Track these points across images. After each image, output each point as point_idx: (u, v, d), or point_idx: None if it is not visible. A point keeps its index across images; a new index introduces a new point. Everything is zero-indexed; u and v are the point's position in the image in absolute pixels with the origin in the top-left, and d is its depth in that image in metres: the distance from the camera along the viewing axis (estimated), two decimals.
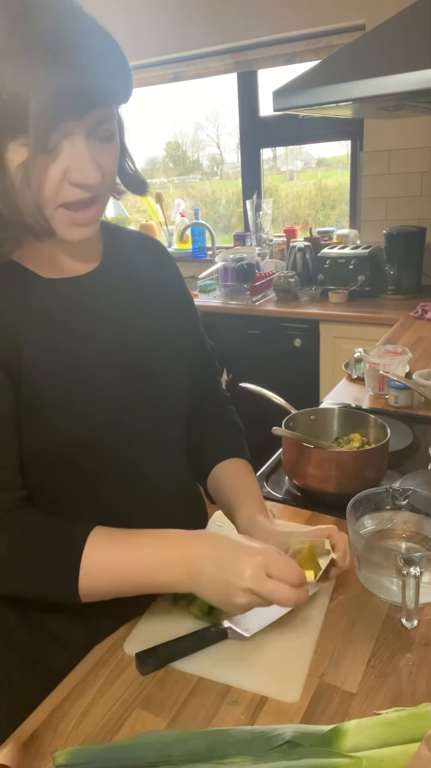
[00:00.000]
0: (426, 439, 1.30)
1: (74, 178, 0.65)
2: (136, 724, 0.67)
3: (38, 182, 0.64)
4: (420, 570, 0.73)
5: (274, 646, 0.76)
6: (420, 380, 1.44)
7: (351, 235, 3.04)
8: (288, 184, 3.61)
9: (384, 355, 1.56)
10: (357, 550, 0.85)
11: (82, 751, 0.61)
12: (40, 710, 0.70)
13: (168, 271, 0.93)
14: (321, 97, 1.40)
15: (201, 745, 0.61)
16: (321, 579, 0.75)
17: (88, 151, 0.64)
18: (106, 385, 0.76)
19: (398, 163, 2.82)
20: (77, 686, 0.73)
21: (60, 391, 0.72)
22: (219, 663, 0.74)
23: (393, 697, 0.68)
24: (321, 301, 2.78)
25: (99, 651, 0.78)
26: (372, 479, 1.06)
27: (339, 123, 2.91)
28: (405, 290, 2.72)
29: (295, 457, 1.08)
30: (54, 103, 0.59)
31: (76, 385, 0.73)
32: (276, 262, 3.17)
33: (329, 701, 0.69)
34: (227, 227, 3.71)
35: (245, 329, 2.79)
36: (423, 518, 0.91)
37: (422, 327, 2.25)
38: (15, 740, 0.66)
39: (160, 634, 0.78)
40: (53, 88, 0.58)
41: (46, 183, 0.64)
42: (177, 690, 0.71)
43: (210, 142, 3.79)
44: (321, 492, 1.06)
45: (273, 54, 2.99)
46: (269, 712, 0.68)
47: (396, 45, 1.35)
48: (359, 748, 0.59)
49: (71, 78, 0.59)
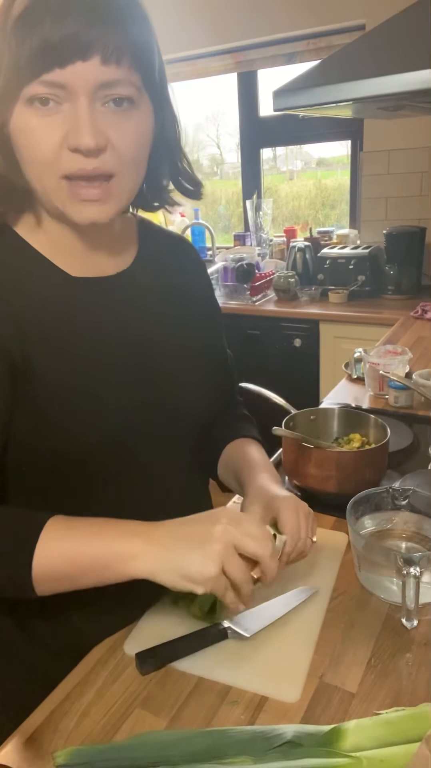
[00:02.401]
0: (426, 439, 1.30)
1: (69, 141, 0.61)
2: (136, 724, 0.67)
3: (32, 143, 0.61)
4: (420, 570, 0.73)
5: (274, 646, 0.76)
6: (420, 380, 1.44)
7: (351, 235, 3.04)
8: (288, 184, 3.61)
9: (384, 355, 1.56)
10: (357, 550, 0.85)
11: (82, 751, 0.61)
12: (40, 710, 0.70)
13: (197, 277, 0.91)
14: (321, 97, 1.40)
15: (201, 745, 0.61)
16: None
17: (89, 114, 0.60)
18: (116, 392, 0.73)
19: (398, 163, 2.83)
20: (77, 686, 0.73)
21: (68, 395, 0.70)
22: (220, 663, 0.74)
23: (393, 697, 0.68)
24: (321, 301, 2.78)
25: (99, 651, 0.78)
26: (372, 479, 1.06)
27: (339, 123, 2.91)
28: (405, 290, 2.72)
29: (295, 457, 1.08)
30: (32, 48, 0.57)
31: (85, 390, 0.71)
32: (276, 262, 3.17)
33: (329, 701, 0.69)
34: (227, 227, 3.71)
35: (245, 329, 2.79)
36: (423, 518, 0.91)
37: (422, 327, 2.25)
38: (18, 737, 0.66)
39: (160, 634, 0.77)
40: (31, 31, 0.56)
41: (41, 145, 0.61)
42: (177, 690, 0.71)
43: (210, 142, 3.79)
44: (321, 492, 1.06)
45: (273, 54, 2.99)
46: (269, 712, 0.68)
47: (396, 45, 1.35)
48: (359, 748, 0.59)
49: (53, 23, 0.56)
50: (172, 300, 0.82)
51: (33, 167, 0.63)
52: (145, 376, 0.76)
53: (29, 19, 0.57)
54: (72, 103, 0.60)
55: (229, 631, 0.77)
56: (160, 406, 0.78)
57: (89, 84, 0.60)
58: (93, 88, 0.60)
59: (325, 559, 0.92)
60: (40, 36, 0.57)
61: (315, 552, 0.94)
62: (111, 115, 0.62)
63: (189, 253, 0.91)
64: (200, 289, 0.91)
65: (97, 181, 0.64)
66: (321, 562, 0.91)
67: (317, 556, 0.93)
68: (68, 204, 0.65)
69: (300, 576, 0.88)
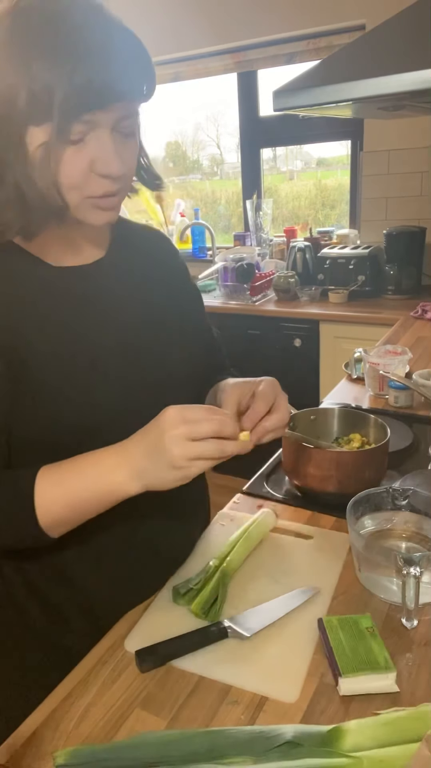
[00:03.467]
0: (426, 439, 1.30)
1: (100, 169, 0.68)
2: (136, 724, 0.67)
3: (65, 171, 0.67)
4: (420, 570, 0.74)
5: (274, 646, 0.76)
6: (420, 380, 1.44)
7: (351, 235, 3.04)
8: (288, 184, 3.61)
9: (384, 355, 1.56)
10: (357, 550, 0.85)
11: (82, 751, 0.61)
12: (40, 710, 0.70)
13: (171, 263, 0.95)
14: (321, 97, 1.40)
15: (201, 745, 0.61)
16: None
17: (114, 145, 0.68)
18: (107, 373, 0.77)
19: (398, 163, 2.83)
20: (77, 686, 0.73)
21: (62, 378, 0.73)
22: (220, 662, 0.74)
23: (393, 697, 0.68)
24: (321, 301, 2.78)
25: (99, 650, 0.78)
26: (372, 479, 1.06)
27: (339, 123, 2.91)
28: (405, 290, 2.72)
29: (295, 457, 1.08)
30: (79, 94, 0.63)
31: (77, 372, 0.75)
32: (276, 262, 3.17)
33: (329, 701, 0.69)
34: (227, 227, 3.71)
35: (245, 329, 2.79)
36: (423, 518, 0.91)
37: (422, 327, 2.25)
38: (18, 736, 0.66)
39: (160, 632, 0.78)
40: (80, 79, 0.62)
41: (73, 173, 0.67)
42: (177, 690, 0.71)
43: (210, 142, 3.79)
44: (321, 492, 1.06)
45: (273, 54, 2.99)
46: (269, 712, 0.68)
47: (396, 45, 1.35)
48: (359, 748, 0.59)
49: (97, 71, 0.63)
50: (149, 284, 0.87)
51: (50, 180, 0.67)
52: (133, 356, 0.81)
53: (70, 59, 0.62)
54: (96, 134, 0.67)
55: (229, 631, 0.77)
56: (150, 383, 0.81)
57: (114, 119, 0.68)
58: (115, 122, 0.68)
59: (326, 560, 0.92)
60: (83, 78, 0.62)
61: (316, 552, 0.94)
62: (122, 141, 0.70)
63: (160, 241, 0.95)
64: (176, 273, 0.95)
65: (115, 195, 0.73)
66: (322, 563, 0.92)
67: (318, 557, 0.93)
68: (88, 214, 0.72)
69: (302, 576, 0.88)
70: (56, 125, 0.63)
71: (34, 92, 0.62)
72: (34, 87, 0.62)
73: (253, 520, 0.98)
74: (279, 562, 0.93)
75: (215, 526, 1.03)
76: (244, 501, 1.12)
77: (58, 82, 0.62)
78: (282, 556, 0.94)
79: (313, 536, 0.98)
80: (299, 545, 0.97)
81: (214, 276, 3.03)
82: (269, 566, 0.91)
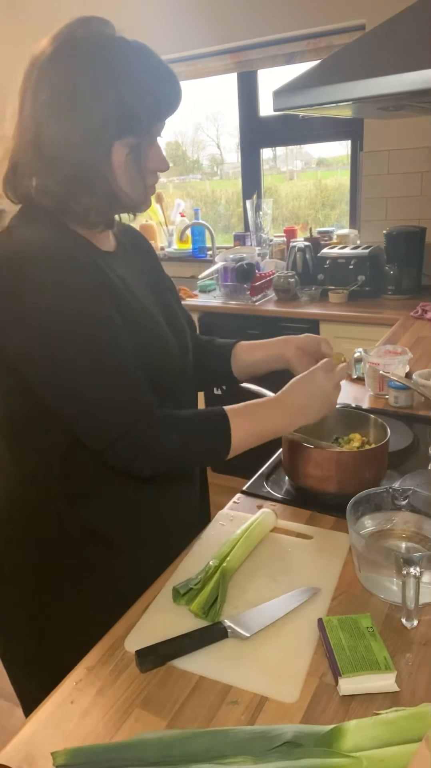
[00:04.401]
0: (426, 439, 1.30)
1: (157, 167, 0.88)
2: (136, 724, 0.67)
3: (149, 168, 0.87)
4: (420, 570, 0.74)
5: (274, 646, 0.76)
6: (420, 380, 1.44)
7: (351, 235, 3.04)
8: (288, 184, 3.61)
9: (384, 355, 1.56)
10: (357, 550, 0.85)
11: (82, 751, 0.61)
12: (41, 710, 0.70)
13: (152, 253, 1.10)
14: (321, 97, 1.40)
15: (201, 745, 0.61)
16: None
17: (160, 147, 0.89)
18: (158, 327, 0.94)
19: (398, 163, 2.82)
20: (77, 686, 0.73)
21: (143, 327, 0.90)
22: (220, 662, 0.74)
23: (393, 697, 0.68)
24: (321, 301, 2.78)
25: (99, 650, 0.78)
26: (372, 479, 1.06)
27: (339, 123, 2.91)
28: (405, 290, 2.72)
29: (295, 457, 1.08)
30: (157, 108, 0.84)
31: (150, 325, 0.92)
32: (276, 262, 3.17)
33: (329, 701, 0.69)
34: (227, 227, 3.71)
35: (245, 329, 2.79)
36: (423, 518, 0.91)
37: (422, 327, 2.25)
38: (20, 735, 0.66)
39: (160, 632, 0.78)
40: (155, 96, 0.83)
41: (143, 167, 0.86)
42: (177, 690, 0.71)
43: (210, 142, 3.79)
44: (321, 492, 1.06)
45: (273, 54, 2.99)
46: (269, 712, 0.68)
47: (396, 45, 1.35)
48: (359, 748, 0.59)
49: (164, 88, 0.84)
50: (147, 270, 1.03)
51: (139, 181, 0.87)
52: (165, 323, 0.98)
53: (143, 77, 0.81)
54: (149, 139, 0.86)
55: (230, 631, 0.77)
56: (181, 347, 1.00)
57: (161, 128, 0.89)
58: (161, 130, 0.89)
59: (326, 560, 0.92)
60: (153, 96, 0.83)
61: (317, 552, 0.94)
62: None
63: (139, 235, 1.10)
64: (157, 262, 1.10)
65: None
66: (322, 563, 0.92)
67: (318, 557, 0.93)
68: (144, 204, 0.91)
69: (302, 576, 0.88)
70: (144, 134, 0.83)
71: (123, 112, 0.80)
72: (123, 107, 0.80)
73: (253, 520, 0.98)
74: (279, 562, 0.93)
75: (215, 526, 1.03)
76: (244, 501, 1.12)
77: (142, 100, 0.81)
78: (282, 556, 0.94)
79: (313, 536, 0.98)
80: (299, 545, 0.97)
81: (214, 276, 3.03)
82: (269, 566, 0.91)
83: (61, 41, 0.80)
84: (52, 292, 0.78)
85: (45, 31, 0.84)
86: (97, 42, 0.80)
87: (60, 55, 0.79)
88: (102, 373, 0.80)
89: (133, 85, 0.80)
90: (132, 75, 0.80)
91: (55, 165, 0.81)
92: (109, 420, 0.81)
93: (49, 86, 0.79)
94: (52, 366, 0.79)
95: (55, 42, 0.80)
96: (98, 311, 0.81)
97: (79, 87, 0.78)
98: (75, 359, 0.79)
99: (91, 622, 0.87)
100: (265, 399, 0.96)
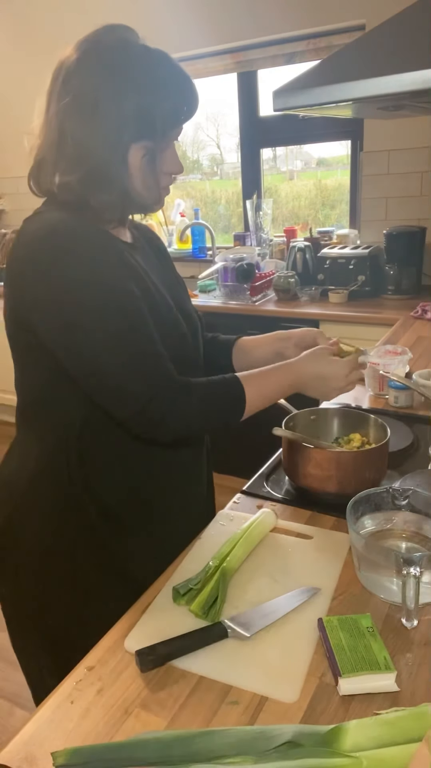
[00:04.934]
0: (426, 439, 1.30)
1: (172, 169, 0.94)
2: (136, 724, 0.67)
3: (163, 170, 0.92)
4: (420, 570, 0.74)
5: (274, 646, 0.76)
6: (420, 380, 1.44)
7: (351, 235, 3.04)
8: (288, 184, 3.61)
9: (384, 355, 1.56)
10: (357, 550, 0.85)
11: (82, 751, 0.61)
12: (41, 710, 0.70)
13: (164, 249, 1.14)
14: (321, 97, 1.40)
15: (201, 745, 0.61)
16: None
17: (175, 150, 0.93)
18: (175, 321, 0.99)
19: (398, 163, 2.82)
20: (77, 686, 0.73)
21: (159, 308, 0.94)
22: (220, 662, 0.74)
23: (393, 697, 0.68)
24: (321, 301, 2.78)
25: (99, 650, 0.78)
26: (372, 479, 1.06)
27: (339, 123, 2.91)
28: (405, 290, 2.72)
29: (295, 457, 1.08)
30: (174, 114, 0.89)
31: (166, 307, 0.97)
32: (276, 262, 3.16)
33: (329, 701, 0.69)
34: (227, 227, 3.71)
35: (245, 329, 2.78)
36: (423, 518, 0.91)
37: (422, 327, 2.25)
38: (19, 735, 0.66)
39: (160, 632, 0.78)
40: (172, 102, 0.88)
41: (158, 170, 0.91)
42: (177, 690, 0.71)
43: (210, 142, 3.79)
44: (321, 492, 1.06)
45: (273, 54, 2.99)
46: (269, 712, 0.68)
47: (396, 45, 1.35)
48: (359, 748, 0.59)
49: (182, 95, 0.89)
50: (160, 263, 1.08)
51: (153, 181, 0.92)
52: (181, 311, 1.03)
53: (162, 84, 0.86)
54: (165, 143, 0.91)
55: (229, 631, 0.77)
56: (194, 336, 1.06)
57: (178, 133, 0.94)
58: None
59: (326, 560, 0.92)
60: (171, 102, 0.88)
61: (317, 552, 0.94)
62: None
63: (152, 232, 1.15)
64: (169, 258, 1.14)
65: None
66: (322, 563, 0.92)
67: (318, 557, 0.93)
68: (157, 204, 0.96)
69: (302, 576, 0.88)
70: (160, 139, 0.88)
71: (140, 117, 0.85)
72: (141, 113, 0.84)
73: (253, 520, 0.98)
74: (279, 562, 0.93)
75: (215, 526, 1.03)
76: (244, 501, 1.12)
77: (159, 106, 0.86)
78: (283, 556, 0.94)
79: (313, 536, 0.98)
80: (299, 545, 0.97)
81: (214, 276, 3.03)
82: (269, 566, 0.91)
83: (86, 48, 0.85)
84: (83, 263, 0.83)
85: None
86: (120, 50, 0.85)
87: (84, 61, 0.85)
88: (131, 343, 0.84)
89: (152, 92, 0.85)
90: (151, 82, 0.85)
91: (75, 164, 0.87)
92: (136, 388, 0.84)
93: (72, 91, 0.85)
94: (84, 335, 0.83)
95: (81, 48, 0.85)
96: (126, 285, 0.86)
97: (101, 93, 0.84)
98: (105, 329, 0.83)
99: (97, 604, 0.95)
100: (279, 364, 1.01)
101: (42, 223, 0.86)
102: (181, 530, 1.02)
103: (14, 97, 3.71)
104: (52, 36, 3.40)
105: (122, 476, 0.97)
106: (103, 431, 0.93)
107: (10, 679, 1.88)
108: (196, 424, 0.93)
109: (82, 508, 0.96)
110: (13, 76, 3.67)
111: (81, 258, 0.84)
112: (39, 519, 0.98)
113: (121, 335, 0.84)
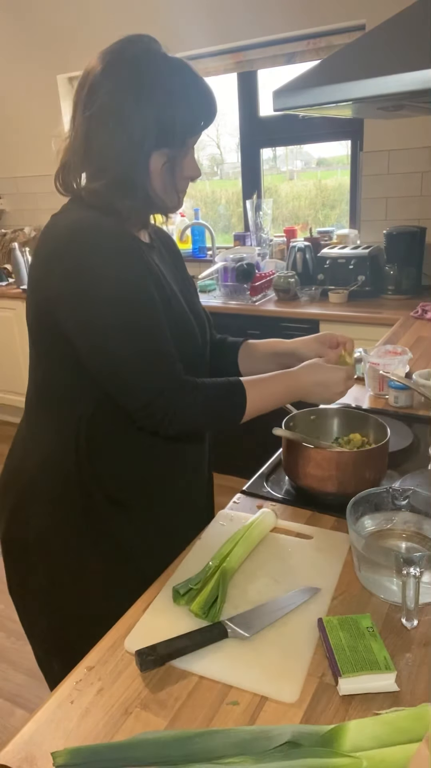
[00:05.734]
0: (426, 439, 1.30)
1: (191, 174, 0.97)
2: (136, 724, 0.67)
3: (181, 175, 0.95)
4: (420, 570, 0.74)
5: (274, 646, 0.76)
6: (420, 380, 1.44)
7: (351, 235, 3.04)
8: (288, 184, 3.61)
9: (384, 355, 1.56)
10: (357, 550, 0.85)
11: (82, 751, 0.61)
12: (41, 710, 0.70)
13: (178, 251, 1.17)
14: (321, 97, 1.40)
15: (201, 745, 0.61)
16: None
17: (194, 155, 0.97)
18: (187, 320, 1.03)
19: (398, 163, 2.82)
20: (77, 686, 0.73)
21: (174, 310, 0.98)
22: (220, 662, 0.74)
23: (393, 697, 0.68)
24: (321, 301, 2.78)
25: (99, 650, 0.78)
26: (372, 479, 1.06)
27: (339, 123, 2.91)
28: (405, 290, 2.72)
29: (295, 457, 1.08)
30: (192, 123, 0.92)
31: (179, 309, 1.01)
32: (276, 262, 3.16)
33: (329, 701, 0.69)
34: (227, 227, 3.71)
35: (245, 329, 2.78)
36: (423, 518, 0.91)
37: (422, 327, 2.25)
38: (20, 735, 0.66)
39: (160, 632, 0.78)
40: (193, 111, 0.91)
41: (176, 176, 0.94)
42: (177, 690, 0.71)
43: (210, 142, 3.79)
44: (321, 492, 1.06)
45: (273, 54, 2.99)
46: (269, 712, 0.68)
47: (396, 45, 1.35)
48: (359, 748, 0.59)
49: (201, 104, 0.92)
50: (174, 264, 1.11)
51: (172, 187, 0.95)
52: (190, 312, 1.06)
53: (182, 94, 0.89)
54: (185, 150, 0.94)
55: (229, 631, 0.77)
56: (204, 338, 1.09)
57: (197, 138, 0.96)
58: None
59: (326, 560, 0.92)
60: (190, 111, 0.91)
61: (316, 552, 0.94)
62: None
63: (166, 234, 1.17)
64: (182, 261, 1.17)
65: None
66: (322, 563, 0.92)
67: (318, 557, 0.93)
68: (179, 206, 0.99)
69: (302, 576, 0.89)
70: (179, 146, 0.91)
71: (161, 127, 0.88)
72: (162, 122, 0.88)
73: (253, 520, 0.98)
74: (279, 562, 0.93)
75: (215, 526, 1.03)
76: (244, 501, 1.12)
77: (179, 115, 0.89)
78: (283, 556, 0.94)
79: (313, 536, 0.98)
80: (299, 545, 0.97)
81: (214, 276, 3.03)
82: (269, 566, 0.92)
83: (109, 60, 0.89)
84: (108, 261, 0.87)
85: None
86: (143, 62, 0.88)
87: (108, 73, 0.88)
88: (145, 341, 0.88)
89: (173, 103, 0.89)
90: (172, 92, 0.89)
91: (101, 172, 0.92)
92: (146, 384, 0.89)
93: (96, 100, 0.89)
94: (103, 330, 0.86)
95: (105, 59, 0.89)
96: (145, 285, 0.91)
97: (123, 104, 0.88)
98: (123, 326, 0.87)
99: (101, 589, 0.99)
100: (280, 372, 1.04)
101: (70, 220, 0.90)
102: (182, 517, 1.06)
103: (15, 97, 3.71)
104: (51, 36, 3.41)
105: (127, 464, 1.00)
106: (111, 421, 0.96)
107: (10, 679, 1.88)
108: (198, 423, 0.97)
109: (89, 495, 0.99)
110: (13, 76, 3.67)
111: (106, 256, 0.87)
112: (47, 504, 1.00)
113: (138, 333, 0.88)
